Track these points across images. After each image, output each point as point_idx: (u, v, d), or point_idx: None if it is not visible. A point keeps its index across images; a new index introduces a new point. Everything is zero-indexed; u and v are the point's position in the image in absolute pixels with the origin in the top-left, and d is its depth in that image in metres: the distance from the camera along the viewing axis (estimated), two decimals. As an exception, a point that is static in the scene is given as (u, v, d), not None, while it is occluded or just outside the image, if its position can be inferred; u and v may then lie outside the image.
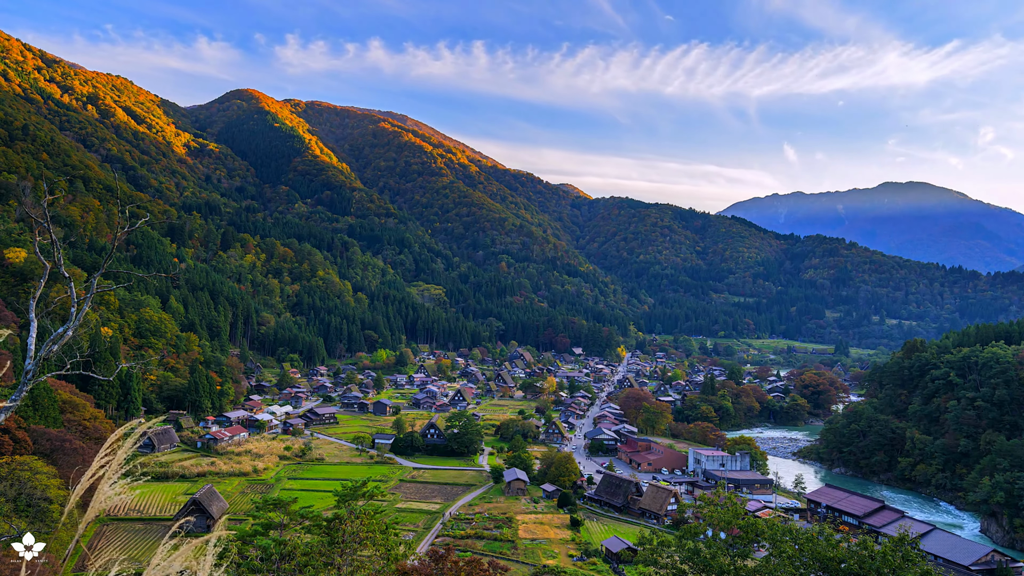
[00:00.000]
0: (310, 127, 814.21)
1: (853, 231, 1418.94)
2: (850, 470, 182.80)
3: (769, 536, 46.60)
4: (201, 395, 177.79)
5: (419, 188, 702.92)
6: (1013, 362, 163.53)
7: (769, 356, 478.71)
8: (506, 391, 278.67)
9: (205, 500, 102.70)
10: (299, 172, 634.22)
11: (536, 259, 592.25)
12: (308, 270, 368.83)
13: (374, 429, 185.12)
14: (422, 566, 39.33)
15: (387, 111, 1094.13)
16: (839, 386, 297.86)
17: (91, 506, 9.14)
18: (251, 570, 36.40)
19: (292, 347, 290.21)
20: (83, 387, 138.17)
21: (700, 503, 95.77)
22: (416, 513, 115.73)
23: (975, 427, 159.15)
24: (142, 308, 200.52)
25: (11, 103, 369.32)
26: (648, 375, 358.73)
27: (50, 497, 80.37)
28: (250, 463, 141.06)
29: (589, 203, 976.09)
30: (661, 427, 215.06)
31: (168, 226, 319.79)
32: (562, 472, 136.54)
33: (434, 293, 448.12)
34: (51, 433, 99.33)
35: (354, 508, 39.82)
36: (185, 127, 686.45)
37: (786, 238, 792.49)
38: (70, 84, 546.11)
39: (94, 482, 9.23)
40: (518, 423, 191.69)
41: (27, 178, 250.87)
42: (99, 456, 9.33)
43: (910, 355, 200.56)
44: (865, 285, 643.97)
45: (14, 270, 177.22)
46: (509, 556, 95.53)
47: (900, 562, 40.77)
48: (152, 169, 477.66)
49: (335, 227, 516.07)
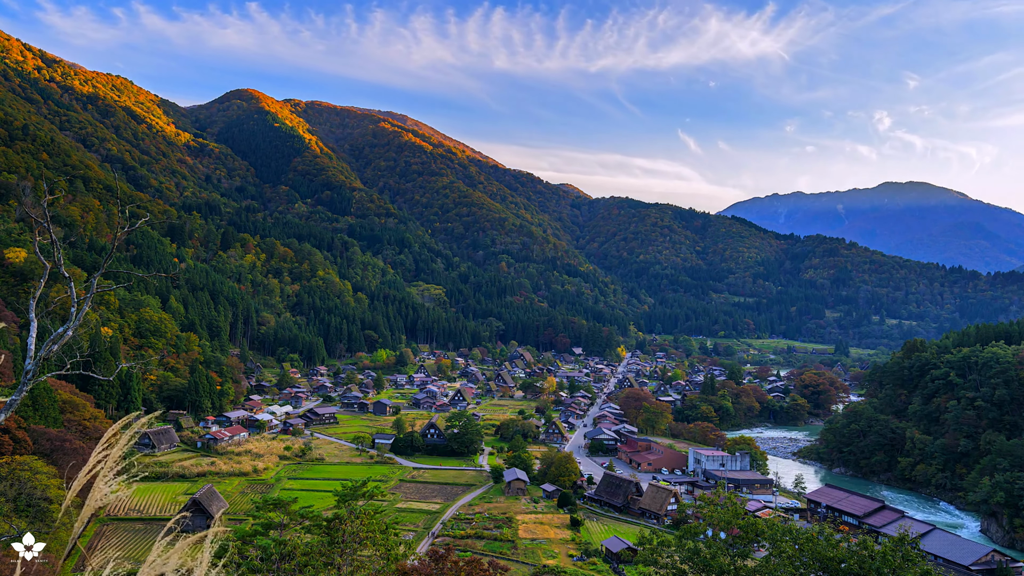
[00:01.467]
0: (310, 127, 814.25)
1: (853, 231, 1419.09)
2: (850, 470, 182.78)
3: (769, 536, 46.59)
4: (201, 395, 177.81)
5: (419, 188, 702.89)
6: (1013, 362, 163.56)
7: (769, 356, 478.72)
8: (506, 391, 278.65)
9: (205, 500, 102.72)
10: (299, 172, 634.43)
11: (536, 259, 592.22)
12: (308, 270, 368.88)
13: (374, 429, 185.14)
14: (422, 566, 39.31)
15: (387, 111, 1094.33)
16: (839, 386, 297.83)
17: (87, 503, 9.13)
18: (251, 570, 36.40)
19: (292, 347, 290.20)
20: (83, 387, 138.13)
21: (700, 503, 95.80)
22: (416, 513, 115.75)
23: (975, 427, 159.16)
24: (142, 308, 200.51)
25: (11, 103, 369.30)
26: (648, 375, 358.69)
27: (50, 497, 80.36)
28: (250, 463, 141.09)
29: (589, 203, 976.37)
30: (661, 427, 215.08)
31: (168, 226, 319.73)
32: (562, 472, 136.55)
33: (434, 293, 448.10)
34: (51, 433, 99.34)
35: (354, 508, 39.82)
36: (185, 127, 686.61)
37: (786, 238, 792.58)
38: (70, 84, 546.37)
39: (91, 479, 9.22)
40: (518, 423, 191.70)
41: (27, 178, 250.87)
42: (96, 451, 9.32)
43: (910, 355, 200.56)
44: (865, 285, 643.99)
45: (14, 270, 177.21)
46: (509, 556, 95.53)
47: (900, 562, 40.75)
48: (152, 169, 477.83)
49: (335, 227, 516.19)
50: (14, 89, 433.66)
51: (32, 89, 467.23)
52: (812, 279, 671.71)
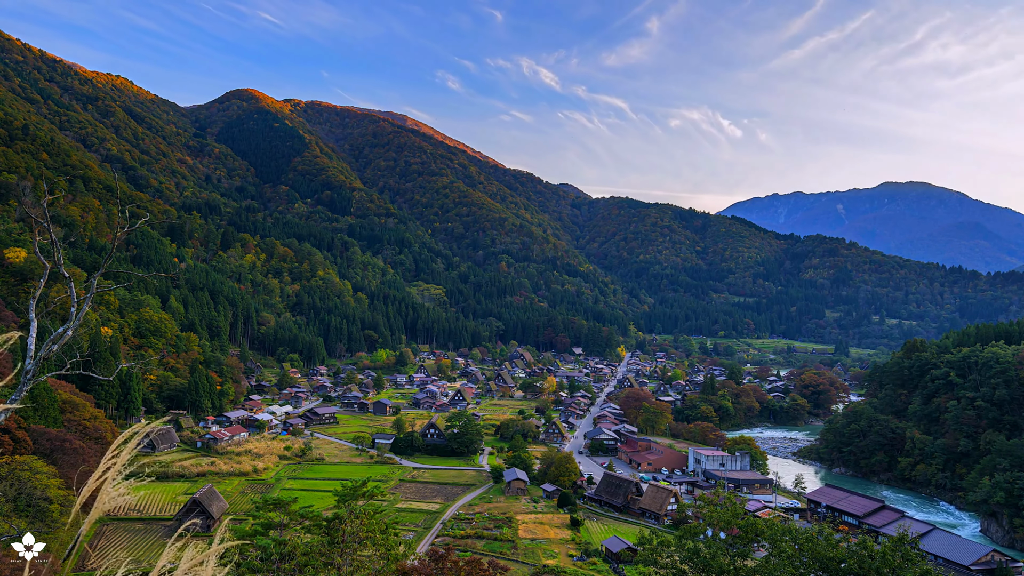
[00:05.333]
0: (310, 127, 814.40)
1: (853, 231, 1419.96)
2: (850, 470, 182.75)
3: (769, 536, 46.63)
4: (201, 395, 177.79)
5: (419, 188, 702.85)
6: (1013, 362, 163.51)
7: (769, 356, 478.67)
8: (506, 391, 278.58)
9: (205, 500, 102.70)
10: (299, 172, 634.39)
11: (536, 259, 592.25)
12: (308, 270, 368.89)
13: (374, 429, 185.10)
14: (422, 566, 39.32)
15: (387, 111, 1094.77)
16: (839, 386, 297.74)
17: (95, 507, 9.16)
18: (251, 570, 36.41)
19: (292, 347, 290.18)
20: (83, 387, 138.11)
21: (700, 503, 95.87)
22: (416, 513, 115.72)
23: (975, 427, 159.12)
24: (142, 308, 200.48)
25: (11, 103, 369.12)
26: (648, 375, 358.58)
27: (50, 497, 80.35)
28: (250, 463, 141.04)
29: (589, 203, 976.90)
30: (661, 427, 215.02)
31: (168, 226, 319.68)
32: (562, 472, 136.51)
33: (434, 293, 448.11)
34: (51, 433, 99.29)
35: (354, 508, 39.85)
36: (185, 127, 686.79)
37: (786, 238, 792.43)
38: (70, 84, 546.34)
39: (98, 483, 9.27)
40: (518, 423, 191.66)
41: (27, 178, 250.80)
42: (105, 459, 9.36)
43: (910, 355, 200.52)
44: (865, 285, 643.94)
45: (14, 270, 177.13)
46: (509, 556, 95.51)
47: (900, 562, 40.78)
48: (152, 169, 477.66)
49: (335, 227, 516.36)
50: (14, 89, 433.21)
51: (32, 89, 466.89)
52: (812, 279, 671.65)
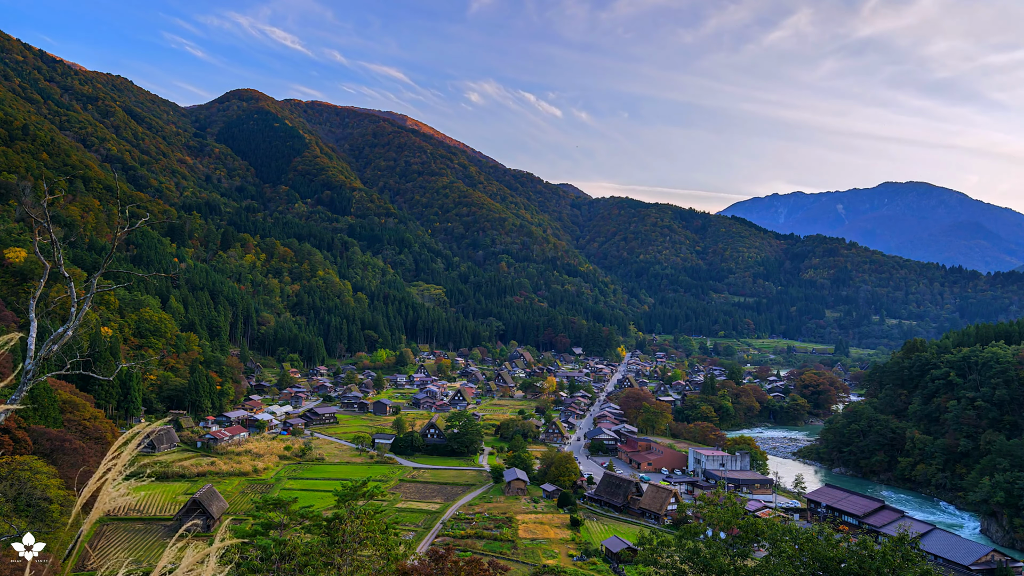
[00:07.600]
0: (310, 127, 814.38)
1: (853, 231, 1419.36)
2: (850, 470, 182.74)
3: (769, 536, 46.64)
4: (201, 395, 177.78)
5: (419, 188, 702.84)
6: (1013, 362, 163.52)
7: (769, 356, 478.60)
8: (506, 391, 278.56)
9: (205, 500, 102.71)
10: (299, 172, 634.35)
11: (536, 259, 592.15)
12: (308, 270, 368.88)
13: (374, 429, 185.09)
14: (422, 566, 39.31)
15: (387, 111, 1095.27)
16: (839, 386, 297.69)
17: (95, 507, 9.16)
18: (251, 570, 36.40)
19: (292, 347, 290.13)
20: (83, 387, 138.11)
21: (700, 503, 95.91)
22: (416, 513, 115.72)
23: (975, 427, 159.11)
24: (142, 308, 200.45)
25: (11, 103, 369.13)
26: (648, 375, 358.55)
27: (50, 497, 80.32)
28: (250, 463, 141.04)
29: (589, 203, 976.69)
30: (661, 427, 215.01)
31: (168, 226, 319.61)
32: (562, 472, 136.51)
33: (434, 293, 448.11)
34: (51, 433, 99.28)
35: (354, 508, 39.84)
36: (185, 127, 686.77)
37: (786, 238, 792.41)
38: (70, 84, 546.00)
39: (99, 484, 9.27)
40: (518, 423, 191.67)
41: (27, 178, 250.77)
42: (106, 459, 9.37)
43: (910, 355, 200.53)
44: (865, 285, 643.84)
45: (14, 270, 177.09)
46: (509, 556, 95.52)
47: (900, 562, 40.79)
48: (152, 169, 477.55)
49: (335, 227, 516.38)
50: (14, 89, 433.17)
51: (32, 89, 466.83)
52: (812, 279, 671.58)
